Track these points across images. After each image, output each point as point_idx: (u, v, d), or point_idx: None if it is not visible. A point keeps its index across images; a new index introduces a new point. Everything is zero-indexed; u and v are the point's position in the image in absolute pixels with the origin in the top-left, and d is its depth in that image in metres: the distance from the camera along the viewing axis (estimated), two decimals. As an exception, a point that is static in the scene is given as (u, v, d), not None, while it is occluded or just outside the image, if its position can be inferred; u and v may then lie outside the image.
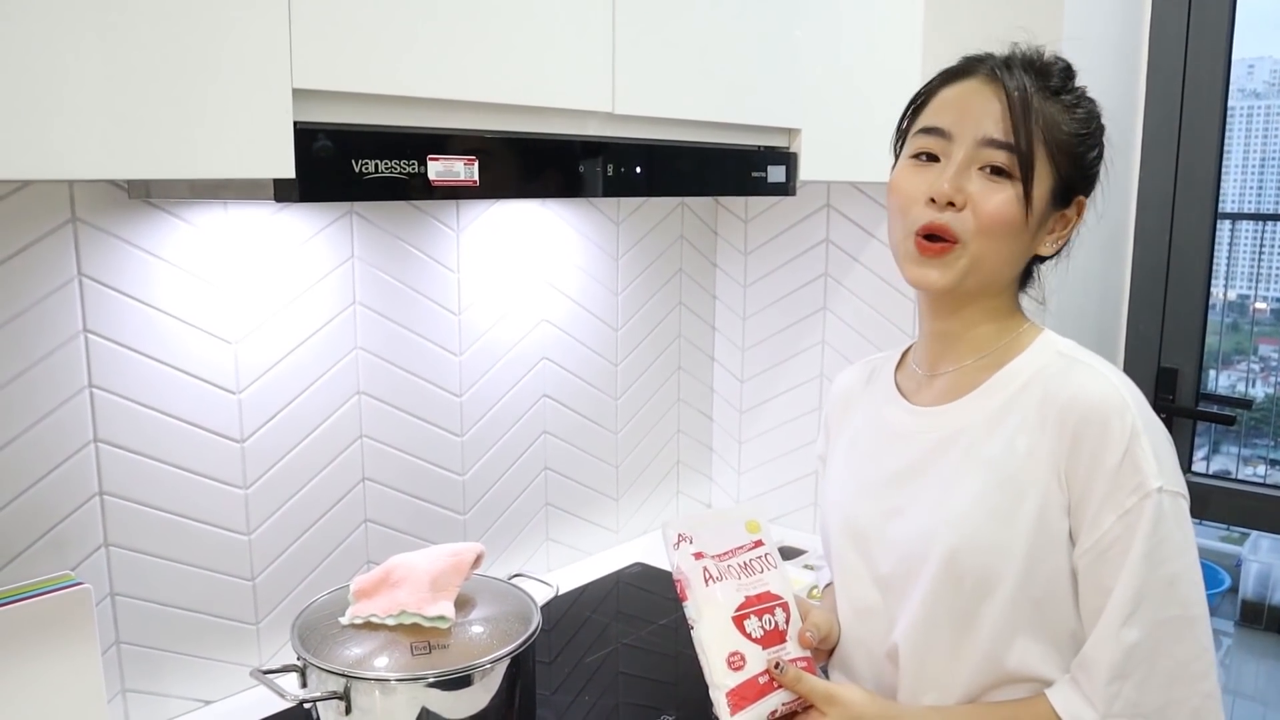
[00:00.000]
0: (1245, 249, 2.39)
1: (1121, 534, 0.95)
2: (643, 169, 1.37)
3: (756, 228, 2.17)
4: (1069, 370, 1.03)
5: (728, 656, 1.07)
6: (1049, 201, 1.04)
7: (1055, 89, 1.04)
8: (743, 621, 1.09)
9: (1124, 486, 0.95)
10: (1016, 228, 1.02)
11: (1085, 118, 1.06)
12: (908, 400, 1.15)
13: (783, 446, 2.19)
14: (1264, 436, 2.52)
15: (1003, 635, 1.02)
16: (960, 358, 1.10)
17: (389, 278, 1.60)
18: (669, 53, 1.38)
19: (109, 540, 1.31)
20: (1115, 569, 0.96)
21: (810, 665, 1.12)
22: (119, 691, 1.35)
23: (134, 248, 1.30)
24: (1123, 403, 0.97)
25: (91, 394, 1.28)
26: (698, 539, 1.13)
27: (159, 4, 0.87)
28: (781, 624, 1.12)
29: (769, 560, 1.16)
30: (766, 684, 1.07)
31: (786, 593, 1.15)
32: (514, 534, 1.88)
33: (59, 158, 0.84)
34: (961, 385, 1.09)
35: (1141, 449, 0.95)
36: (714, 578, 1.11)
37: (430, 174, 1.08)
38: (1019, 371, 1.06)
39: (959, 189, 1.01)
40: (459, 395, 1.73)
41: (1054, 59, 1.08)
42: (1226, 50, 2.04)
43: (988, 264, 1.04)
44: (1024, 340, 1.09)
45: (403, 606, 1.24)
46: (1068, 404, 0.99)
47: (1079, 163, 1.05)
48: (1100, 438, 0.96)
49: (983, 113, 1.02)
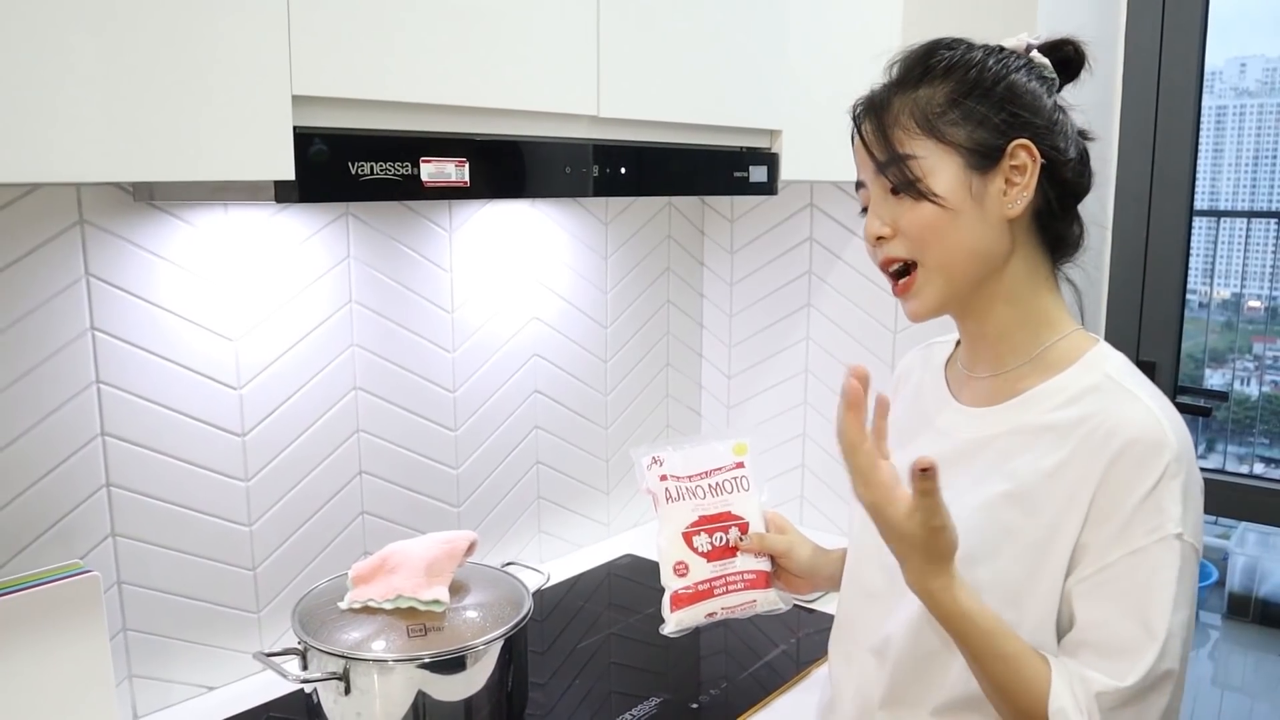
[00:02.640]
0: (1237, 247, 2.43)
1: (1127, 572, 0.93)
2: (628, 170, 1.41)
3: (742, 227, 2.21)
4: (1116, 398, 0.98)
5: (674, 565, 1.25)
6: (966, 174, 0.99)
7: (915, 77, 1.02)
8: (691, 537, 1.25)
9: (1141, 524, 0.92)
10: (943, 223, 1.00)
11: (959, 79, 1.01)
12: (953, 395, 1.13)
13: (770, 440, 2.23)
14: (1254, 433, 2.57)
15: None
16: (1000, 361, 1.07)
17: (384, 277, 1.64)
18: (652, 57, 1.43)
19: (116, 531, 1.35)
20: (1123, 609, 0.93)
21: (762, 577, 1.26)
22: (126, 677, 1.39)
23: (139, 248, 1.34)
24: (1163, 440, 0.93)
25: (98, 389, 1.32)
26: (668, 462, 1.29)
27: (164, 16, 0.92)
28: (734, 540, 1.27)
29: (743, 483, 1.30)
30: (705, 591, 1.24)
31: (750, 513, 1.28)
32: (506, 526, 1.92)
33: (66, 162, 0.87)
34: (1004, 390, 1.06)
35: (1170, 491, 0.92)
36: (672, 497, 1.27)
37: (423, 176, 1.12)
38: (1065, 388, 1.01)
39: (882, 222, 1.04)
40: (452, 391, 1.77)
41: (924, 48, 1.05)
42: (1200, 49, 2.08)
43: (955, 267, 1.02)
44: (1074, 350, 1.04)
45: (399, 591, 1.29)
46: (1107, 436, 0.95)
47: (974, 120, 1.00)
48: (1132, 471, 0.93)
49: (863, 149, 1.05)
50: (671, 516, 1.26)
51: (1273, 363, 2.54)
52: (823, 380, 2.13)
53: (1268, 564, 2.79)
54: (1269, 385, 2.57)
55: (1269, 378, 2.57)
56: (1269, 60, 2.36)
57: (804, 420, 2.17)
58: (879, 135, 1.02)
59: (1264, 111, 2.35)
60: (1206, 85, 2.11)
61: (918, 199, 1.00)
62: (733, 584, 1.25)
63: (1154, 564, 0.92)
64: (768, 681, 1.52)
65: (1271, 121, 2.36)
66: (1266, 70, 2.36)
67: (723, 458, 1.31)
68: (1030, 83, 1.03)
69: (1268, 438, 2.57)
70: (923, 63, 1.03)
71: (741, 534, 1.26)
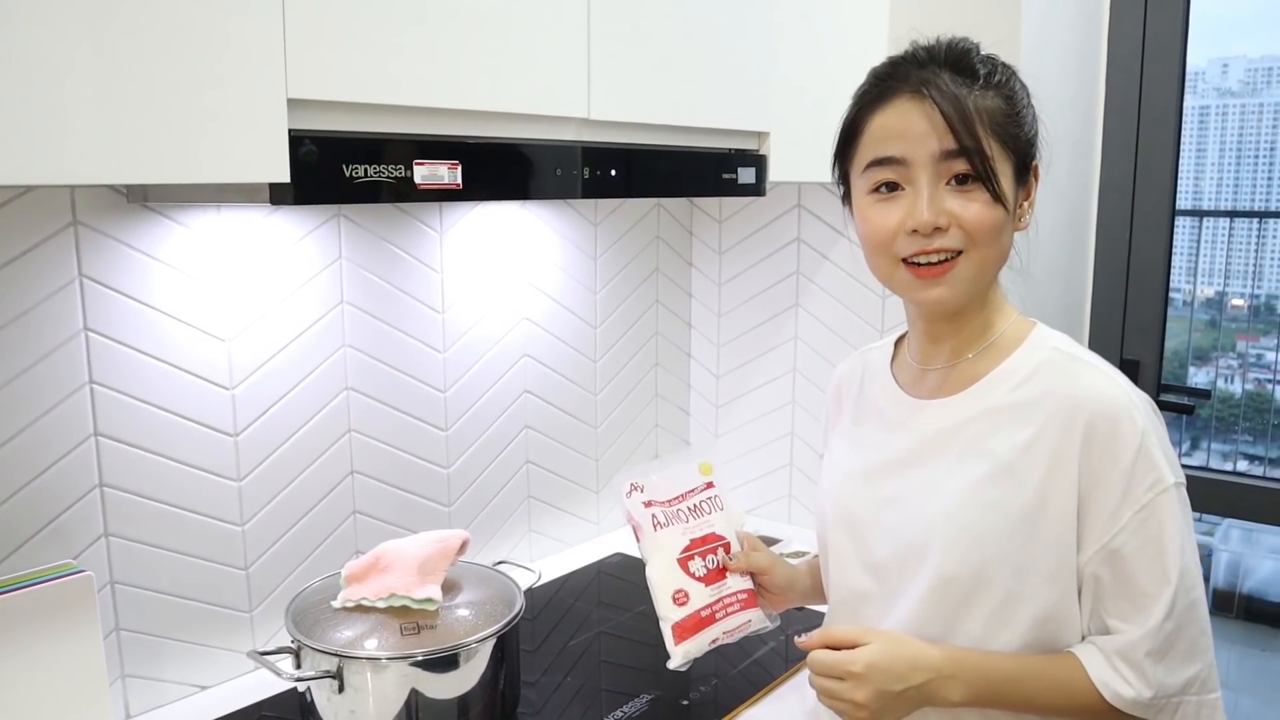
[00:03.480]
0: (1220, 246, 2.45)
1: (1139, 528, 0.97)
2: (618, 171, 1.42)
3: (730, 228, 2.23)
4: (1073, 369, 1.03)
5: (673, 594, 1.19)
6: (1014, 184, 1.04)
7: (980, 77, 1.03)
8: (687, 562, 1.21)
9: (1141, 483, 0.97)
10: (1002, 225, 1.02)
11: (1011, 93, 1.05)
12: (905, 392, 1.14)
13: (758, 439, 2.25)
14: (1238, 431, 2.59)
15: (999, 630, 1.03)
16: (956, 353, 1.10)
17: (376, 278, 1.65)
18: (642, 60, 1.44)
19: (109, 530, 1.36)
20: (1142, 562, 0.98)
21: (751, 596, 1.24)
22: (119, 676, 1.40)
23: (132, 250, 1.35)
24: (1129, 403, 0.99)
25: (92, 390, 1.32)
26: (649, 487, 1.24)
27: (160, 19, 0.93)
28: (723, 561, 1.23)
29: (717, 502, 1.27)
30: (707, 617, 1.20)
31: (729, 533, 1.25)
32: (497, 525, 1.93)
33: (61, 164, 0.88)
34: (961, 379, 1.09)
35: (1152, 446, 0.98)
36: (661, 523, 1.23)
37: (416, 178, 1.13)
38: (1018, 367, 1.06)
39: (939, 211, 1.01)
40: (443, 391, 1.78)
41: (965, 46, 1.06)
42: (1182, 50, 2.10)
43: (990, 267, 1.05)
44: (1018, 334, 1.09)
45: (392, 590, 1.30)
46: (1077, 404, 0.99)
47: (1023, 137, 1.05)
48: (1111, 437, 0.98)
49: (927, 129, 1.01)
50: (663, 544, 1.22)
51: (1256, 360, 2.57)
52: (811, 380, 2.14)
53: (1251, 560, 2.82)
54: (1252, 383, 2.59)
55: (1252, 375, 2.59)
56: (1251, 60, 2.38)
57: (792, 419, 2.19)
58: (965, 121, 1.00)
59: (1246, 111, 2.38)
60: (1189, 85, 2.14)
61: (994, 198, 1.01)
62: (730, 606, 1.22)
63: (1161, 515, 0.98)
64: (757, 679, 1.53)
65: (1253, 121, 2.38)
66: (1248, 70, 2.38)
67: (693, 479, 1.27)
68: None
69: (1251, 435, 2.60)
70: (981, 63, 1.05)
71: (726, 553, 1.24)
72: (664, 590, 1.20)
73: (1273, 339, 2.53)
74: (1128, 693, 0.98)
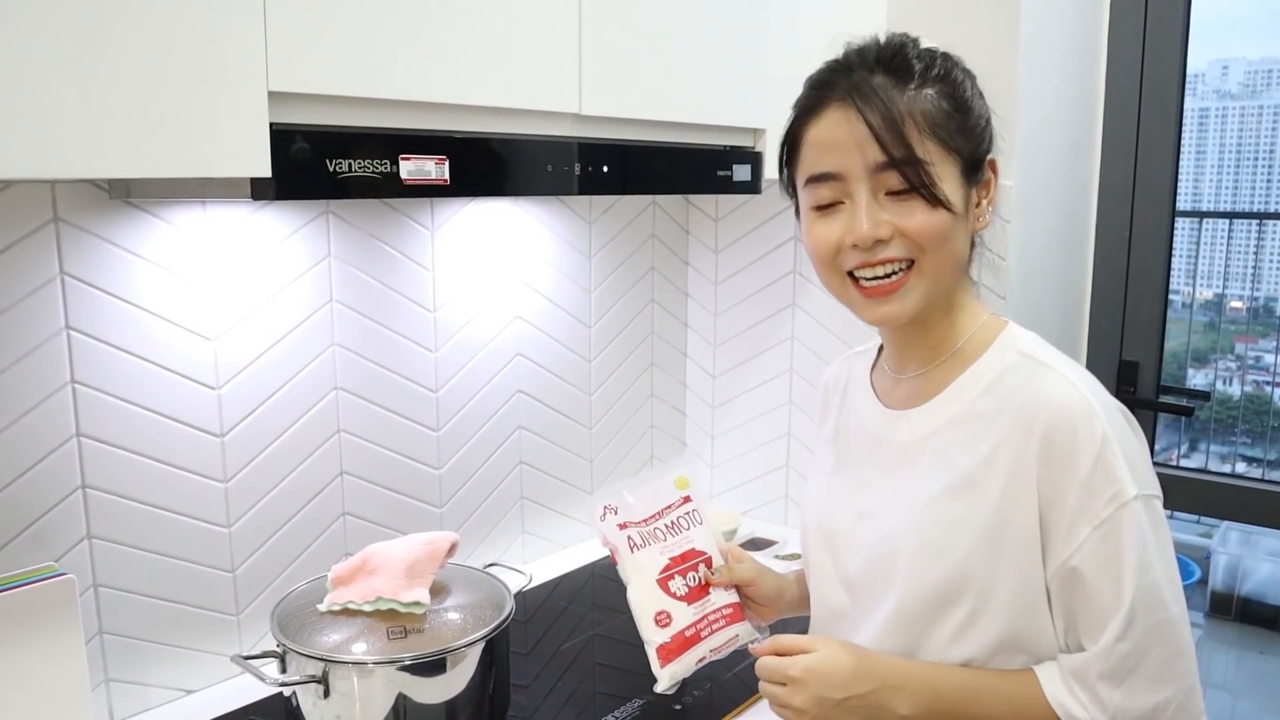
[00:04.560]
0: (1219, 247, 2.45)
1: (1098, 545, 0.93)
2: (611, 168, 1.41)
3: (727, 226, 2.21)
4: (1033, 374, 0.99)
5: (655, 615, 1.16)
6: (962, 184, 1.00)
7: (915, 75, 0.99)
8: (667, 583, 1.18)
9: (1099, 496, 0.93)
10: (948, 230, 0.98)
11: (952, 87, 1.00)
12: (881, 401, 1.13)
13: (755, 440, 2.23)
14: (1236, 433, 2.58)
15: (964, 645, 1.00)
16: (926, 359, 1.08)
17: (365, 276, 1.63)
18: (635, 55, 1.42)
19: (92, 533, 1.34)
20: (1101, 582, 0.93)
21: (737, 610, 1.20)
22: (102, 681, 1.38)
23: (115, 247, 1.33)
24: (1089, 409, 0.94)
25: (74, 390, 1.30)
26: (623, 508, 1.22)
27: (140, 11, 0.91)
28: (705, 578, 1.20)
29: (695, 516, 1.24)
30: (692, 637, 1.16)
31: (710, 547, 1.22)
32: (490, 527, 1.91)
33: (40, 158, 0.86)
34: (930, 387, 1.07)
35: (1113, 455, 0.93)
36: (638, 545, 1.19)
37: (402, 173, 1.12)
38: (983, 374, 1.03)
39: (878, 223, 0.98)
40: (435, 391, 1.76)
41: (898, 42, 1.02)
42: (1182, 52, 2.09)
43: (944, 273, 1.01)
44: (987, 336, 1.05)
45: (379, 593, 1.28)
46: (1033, 411, 0.96)
47: (970, 133, 1.00)
48: (1069, 445, 0.94)
49: (858, 141, 0.97)
50: (640, 565, 1.18)
51: (1254, 363, 2.56)
52: (807, 380, 2.12)
53: (1249, 563, 2.81)
54: (1251, 385, 2.59)
55: (1251, 377, 2.58)
56: (1250, 63, 2.38)
57: (789, 420, 2.17)
58: (893, 130, 0.96)
59: (1245, 113, 2.37)
60: (1188, 87, 2.12)
61: (933, 204, 0.97)
62: (715, 623, 1.18)
63: (1121, 531, 0.93)
64: (751, 683, 1.49)
65: (1252, 123, 2.38)
66: (1248, 73, 2.38)
67: (670, 495, 1.24)
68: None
69: (1249, 437, 2.59)
70: (918, 60, 1.00)
71: (708, 569, 1.20)
72: (646, 613, 1.16)
73: (1271, 341, 2.52)
74: (1081, 715, 0.95)
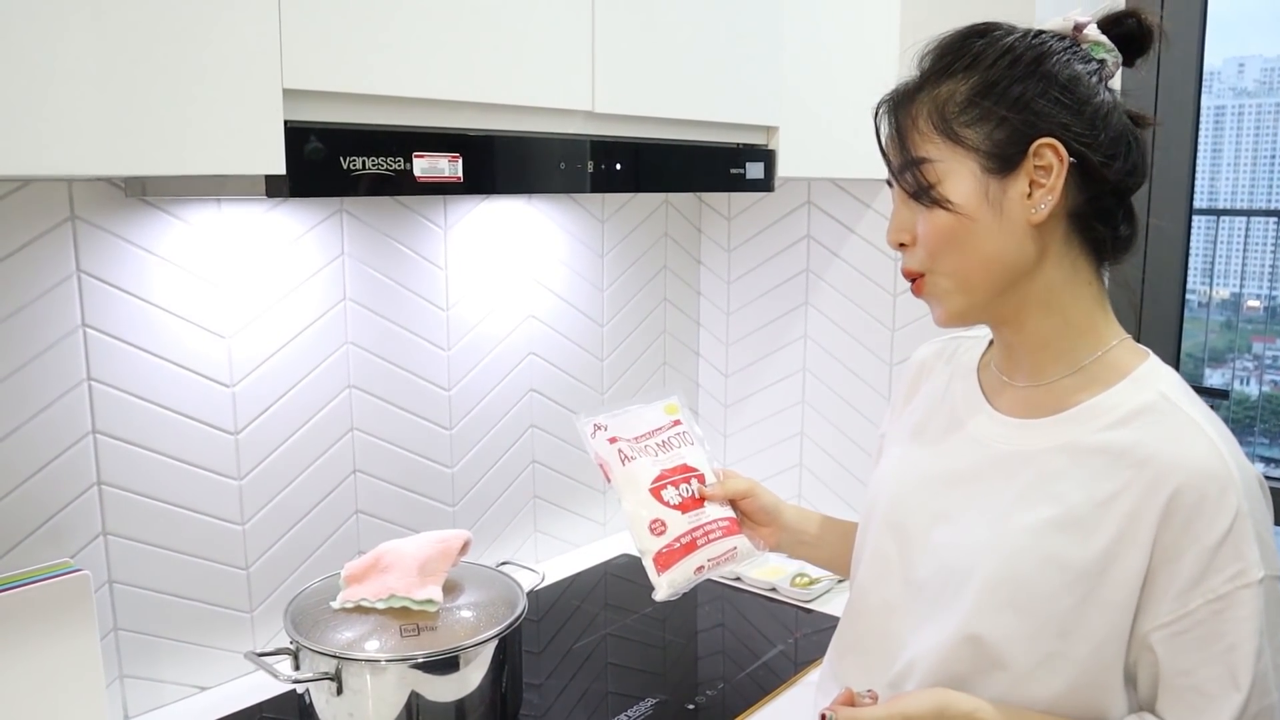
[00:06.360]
0: (1236, 246, 2.43)
1: (1208, 619, 0.87)
2: (624, 166, 1.40)
3: (739, 224, 2.20)
4: (1173, 422, 0.91)
5: (650, 524, 1.16)
6: (980, 178, 0.94)
7: (940, 70, 0.96)
8: (660, 491, 1.18)
9: (1221, 571, 0.87)
10: (959, 232, 0.94)
11: (982, 71, 0.94)
12: (988, 400, 1.05)
13: (768, 439, 2.23)
14: (1254, 433, 2.56)
15: (1029, 687, 0.94)
16: (1040, 371, 1.00)
17: (379, 274, 1.63)
18: (648, 52, 1.42)
19: (107, 529, 1.35)
20: (1204, 659, 0.88)
21: (734, 524, 1.21)
22: (117, 677, 1.38)
23: (131, 245, 1.33)
24: (1228, 478, 0.87)
25: (90, 387, 1.31)
26: (612, 426, 1.22)
27: (156, 9, 0.91)
28: (699, 491, 1.20)
29: (686, 437, 1.25)
30: (689, 544, 1.16)
31: (703, 464, 1.23)
32: (502, 526, 1.91)
33: (57, 156, 0.86)
34: (1048, 402, 0.99)
35: (1244, 531, 0.87)
36: (629, 457, 1.20)
37: (415, 171, 1.11)
38: (1116, 405, 0.94)
39: (899, 229, 1.00)
40: (448, 389, 1.76)
41: (943, 37, 0.99)
42: (1199, 49, 2.07)
43: (973, 277, 0.96)
44: (1123, 363, 0.96)
45: (392, 591, 1.28)
46: (1168, 468, 0.89)
47: (998, 118, 0.93)
48: (1198, 511, 0.87)
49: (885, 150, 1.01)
50: (633, 476, 1.19)
51: (1272, 362, 2.54)
52: (821, 379, 2.12)
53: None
54: (1269, 385, 2.57)
55: (1269, 377, 2.56)
56: (1267, 60, 2.36)
57: (802, 419, 2.16)
58: (895, 137, 0.98)
59: (1262, 111, 2.36)
60: (1205, 85, 2.11)
61: (931, 206, 0.95)
62: (712, 533, 1.18)
63: (1238, 612, 0.87)
64: (765, 682, 1.51)
65: (1270, 121, 2.36)
66: (1265, 70, 2.36)
67: (659, 419, 1.25)
68: (1066, 71, 0.94)
69: (1268, 437, 2.57)
70: (952, 53, 0.97)
71: (701, 484, 1.21)
72: (640, 521, 1.16)
73: (1289, 340, 2.51)
74: None
